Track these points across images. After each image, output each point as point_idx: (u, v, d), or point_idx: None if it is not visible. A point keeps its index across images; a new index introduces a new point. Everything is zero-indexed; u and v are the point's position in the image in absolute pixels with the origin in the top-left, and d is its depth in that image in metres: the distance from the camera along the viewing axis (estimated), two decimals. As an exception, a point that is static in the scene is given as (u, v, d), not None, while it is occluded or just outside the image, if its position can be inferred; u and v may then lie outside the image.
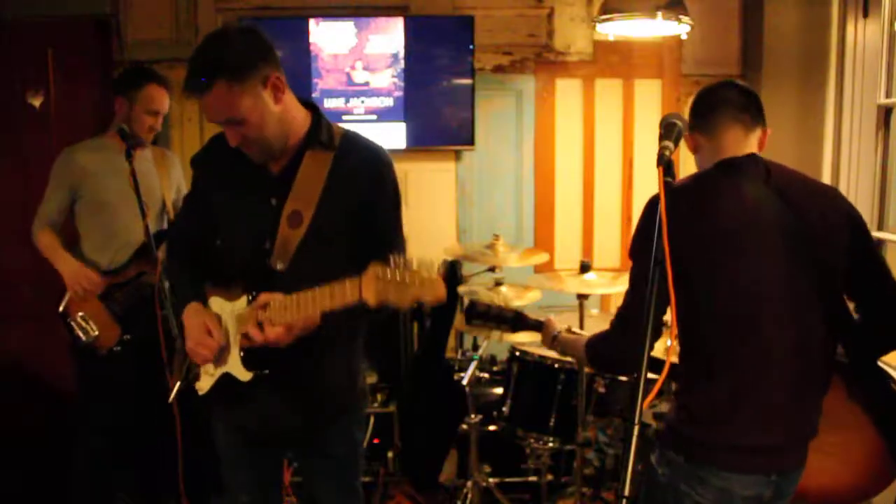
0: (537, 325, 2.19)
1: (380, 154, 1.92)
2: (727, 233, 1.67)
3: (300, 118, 1.88)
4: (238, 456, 2.06)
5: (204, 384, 1.96)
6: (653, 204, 1.70)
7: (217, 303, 1.93)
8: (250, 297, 1.84)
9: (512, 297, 3.18)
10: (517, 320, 2.23)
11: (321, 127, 1.89)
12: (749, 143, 1.77)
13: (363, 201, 1.87)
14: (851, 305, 1.83)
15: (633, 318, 1.66)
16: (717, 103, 1.79)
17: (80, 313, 2.87)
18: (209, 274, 1.97)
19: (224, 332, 1.88)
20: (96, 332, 2.88)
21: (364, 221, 1.87)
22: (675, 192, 1.51)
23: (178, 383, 2.01)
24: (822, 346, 1.73)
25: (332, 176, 1.86)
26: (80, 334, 2.88)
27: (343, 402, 2.04)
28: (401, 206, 1.97)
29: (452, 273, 3.76)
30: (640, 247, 1.69)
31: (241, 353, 1.86)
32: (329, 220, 1.85)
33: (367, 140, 1.95)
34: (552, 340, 2.10)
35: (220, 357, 1.91)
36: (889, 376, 1.87)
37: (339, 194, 1.86)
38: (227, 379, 1.90)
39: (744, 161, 1.75)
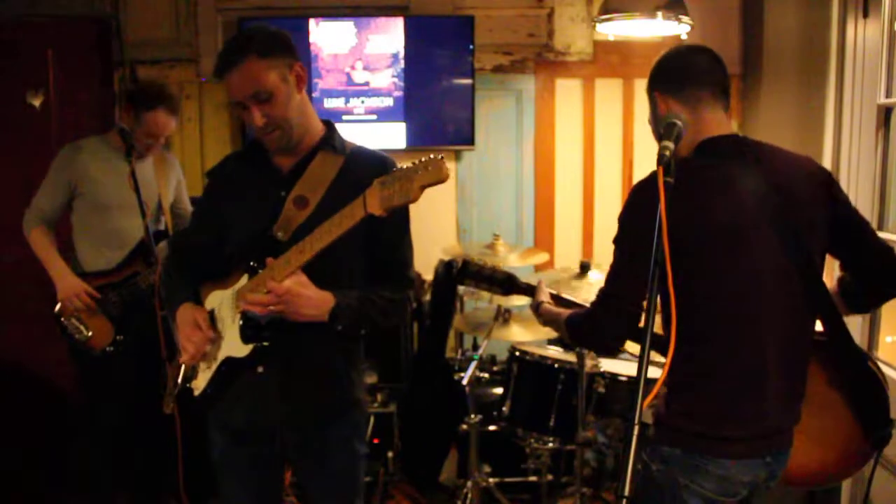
0: (529, 290, 2.21)
1: (387, 160, 2.01)
2: (719, 227, 1.66)
3: (316, 123, 1.99)
4: (233, 467, 2.03)
5: (200, 381, 1.96)
6: (636, 192, 1.74)
7: (216, 296, 1.94)
8: (251, 272, 1.87)
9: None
10: (509, 283, 2.26)
11: (335, 135, 2.00)
12: (727, 122, 1.77)
13: None
14: (837, 264, 1.89)
15: (613, 302, 1.74)
16: (700, 78, 1.78)
17: (75, 313, 2.87)
18: (210, 276, 1.98)
19: (218, 324, 1.91)
20: (89, 333, 2.87)
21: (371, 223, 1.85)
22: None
23: (175, 389, 2.02)
24: (807, 329, 1.78)
25: (342, 174, 1.93)
26: (74, 334, 2.87)
27: (339, 397, 2.01)
28: (408, 210, 2.01)
29: (450, 272, 3.76)
30: (622, 233, 1.74)
31: (240, 322, 1.87)
32: (335, 207, 1.82)
33: (376, 151, 2.05)
34: (536, 308, 2.12)
35: (213, 351, 1.92)
36: (867, 356, 1.89)
37: (347, 189, 1.84)
38: (220, 375, 1.91)
39: (728, 142, 1.73)
